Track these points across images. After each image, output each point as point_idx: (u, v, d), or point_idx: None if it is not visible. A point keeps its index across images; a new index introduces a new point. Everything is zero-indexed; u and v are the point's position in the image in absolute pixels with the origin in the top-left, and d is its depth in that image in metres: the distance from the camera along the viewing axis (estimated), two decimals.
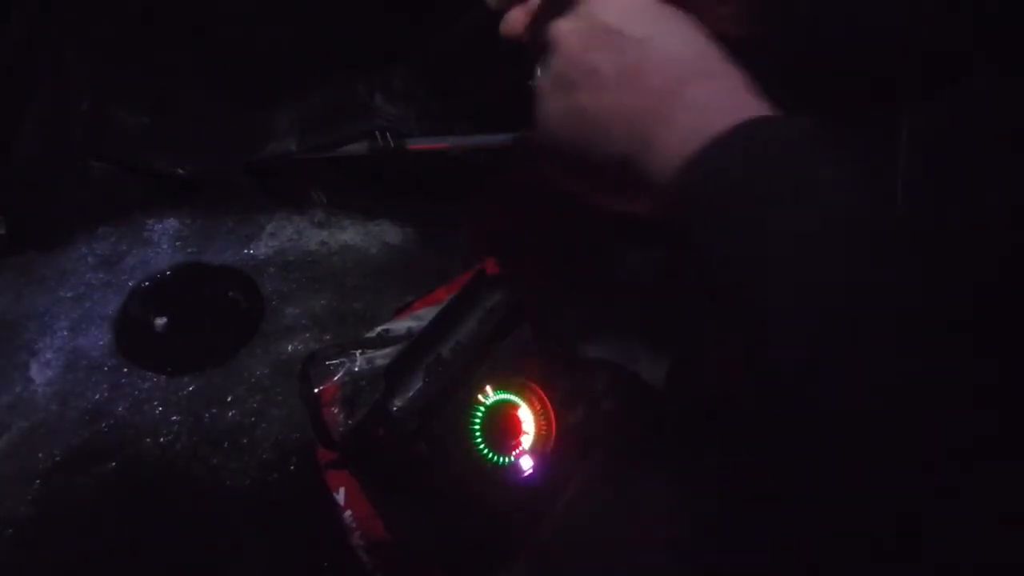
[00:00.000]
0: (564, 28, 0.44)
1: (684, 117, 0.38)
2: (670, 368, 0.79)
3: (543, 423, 0.67)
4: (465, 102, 1.15)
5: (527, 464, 0.65)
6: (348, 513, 0.72)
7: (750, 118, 0.37)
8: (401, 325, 0.83)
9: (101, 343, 1.14)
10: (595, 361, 0.81)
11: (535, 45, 0.48)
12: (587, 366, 0.78)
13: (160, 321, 1.18)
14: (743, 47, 0.44)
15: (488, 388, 0.66)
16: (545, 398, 0.67)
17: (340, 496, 0.72)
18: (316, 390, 0.75)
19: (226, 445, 1.03)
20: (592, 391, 0.72)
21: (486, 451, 0.66)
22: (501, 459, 0.66)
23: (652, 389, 0.77)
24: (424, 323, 0.75)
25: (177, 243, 1.27)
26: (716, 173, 0.36)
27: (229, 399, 1.07)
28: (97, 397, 1.08)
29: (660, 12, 0.43)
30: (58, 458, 1.02)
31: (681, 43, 0.42)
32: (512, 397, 0.67)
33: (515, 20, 0.51)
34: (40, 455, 1.02)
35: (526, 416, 0.66)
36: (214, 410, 1.06)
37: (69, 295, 1.20)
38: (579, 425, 0.67)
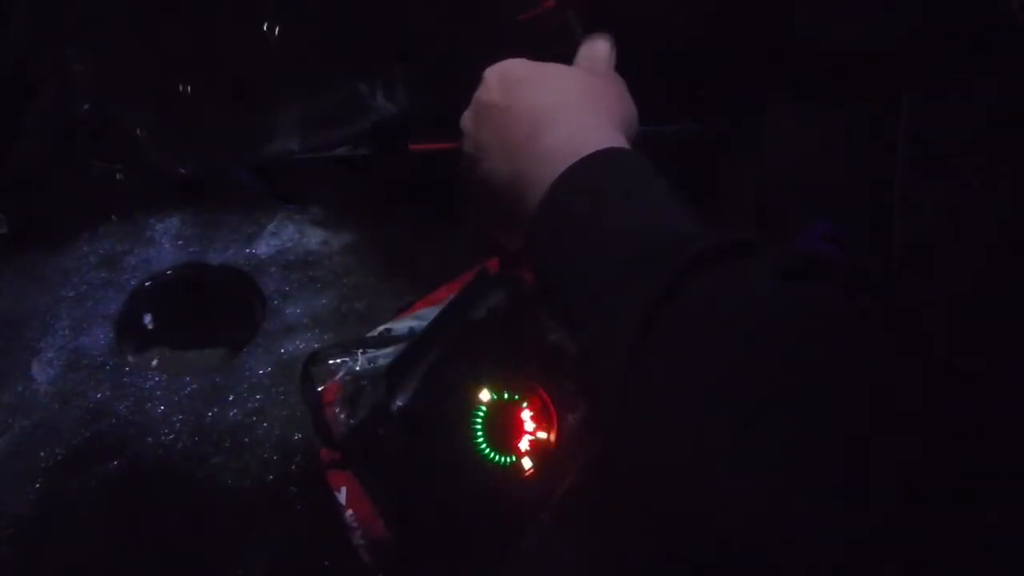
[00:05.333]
0: (465, 116, 0.53)
1: (537, 167, 0.45)
2: None
3: (544, 423, 0.67)
4: (467, 102, 1.14)
5: (528, 464, 0.66)
6: (349, 513, 0.72)
7: (579, 159, 0.43)
8: (403, 324, 0.83)
9: (103, 342, 1.14)
10: None
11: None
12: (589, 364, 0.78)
13: (161, 320, 1.18)
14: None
15: (489, 387, 0.67)
16: (547, 397, 0.67)
17: (341, 496, 0.73)
18: (318, 389, 0.75)
19: (227, 444, 1.03)
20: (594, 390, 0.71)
21: (487, 451, 0.66)
22: (502, 459, 0.66)
23: None
24: (426, 322, 0.75)
25: (179, 242, 1.27)
26: (547, 208, 0.44)
27: (230, 398, 1.08)
28: (99, 396, 1.08)
29: (525, 78, 0.50)
30: (59, 457, 1.02)
31: (534, 101, 0.49)
32: (513, 396, 0.67)
33: None
34: (41, 454, 1.02)
35: (527, 416, 0.66)
36: (215, 409, 1.06)
37: (71, 294, 1.20)
38: (580, 425, 0.67)
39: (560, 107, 0.48)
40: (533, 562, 0.63)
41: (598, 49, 0.55)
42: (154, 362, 1.14)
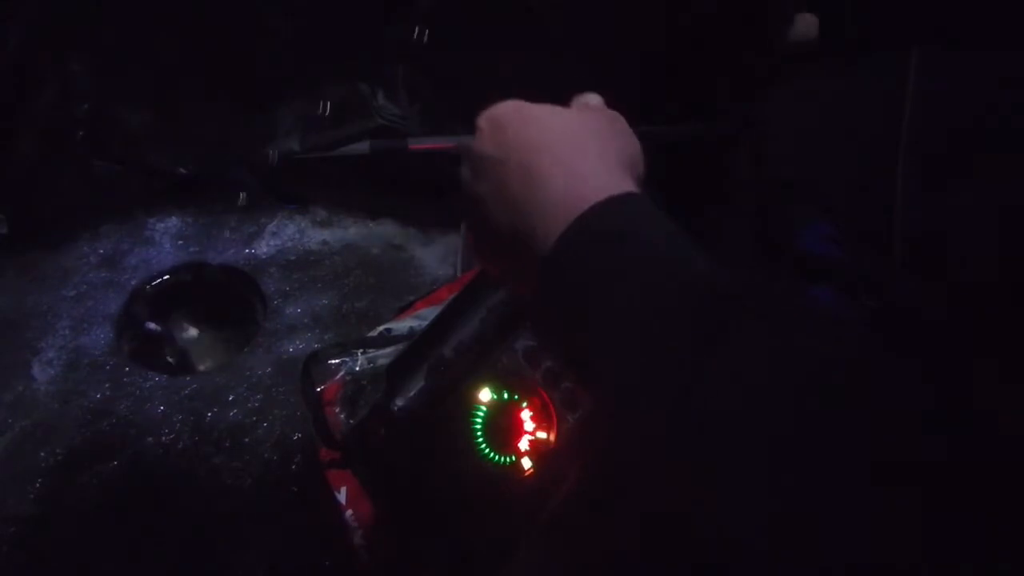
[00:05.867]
0: (463, 168, 0.51)
1: (538, 222, 0.44)
2: None
3: (544, 422, 0.67)
4: (467, 101, 1.14)
5: (528, 464, 0.65)
6: (349, 512, 0.72)
7: (581, 213, 0.42)
8: (403, 324, 0.83)
9: (103, 342, 1.14)
10: None
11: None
12: None
13: (151, 324, 1.18)
14: None
15: (489, 387, 0.66)
16: (547, 397, 0.67)
17: (342, 495, 0.73)
18: (318, 389, 0.75)
19: (227, 444, 1.03)
20: None
21: (487, 451, 0.65)
22: (502, 459, 0.66)
23: None
24: (426, 322, 0.75)
25: (179, 242, 1.27)
26: (554, 266, 0.43)
27: (231, 398, 1.07)
28: (99, 396, 1.08)
29: (517, 124, 0.49)
30: (60, 457, 1.02)
31: (527, 149, 0.47)
32: (513, 396, 0.66)
33: None
34: (42, 453, 1.02)
35: (527, 416, 0.66)
36: (215, 409, 1.06)
37: (71, 294, 1.20)
38: (580, 425, 0.66)
39: (555, 153, 0.46)
40: (533, 562, 0.62)
41: (588, 96, 0.55)
42: (154, 362, 1.14)
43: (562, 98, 0.54)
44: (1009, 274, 0.42)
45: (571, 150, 0.46)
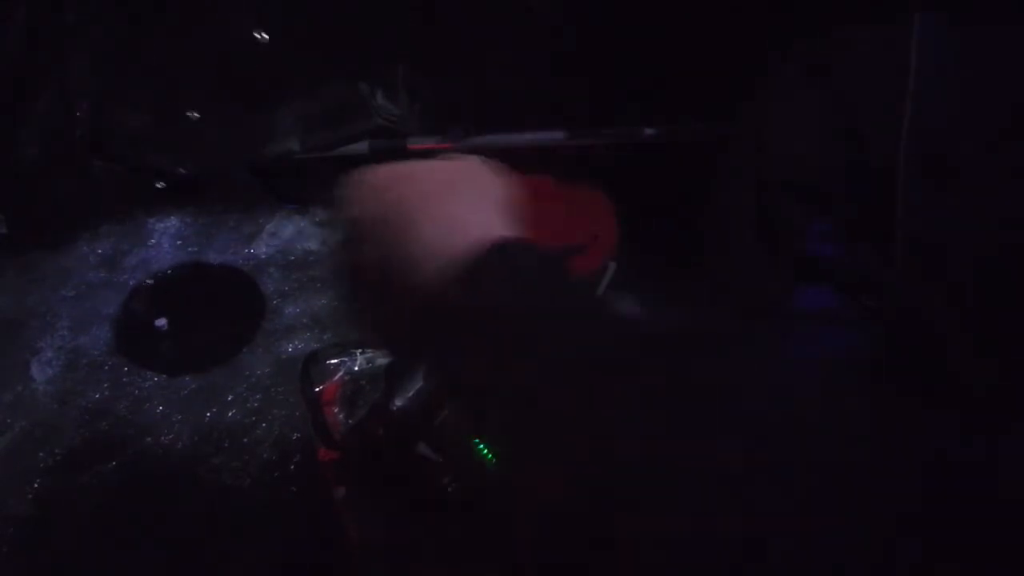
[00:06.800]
0: (336, 242, 0.51)
1: (418, 276, 0.43)
2: None
3: None
4: (466, 102, 1.15)
5: None
6: (349, 512, 0.72)
7: (446, 264, 0.41)
8: None
9: (102, 342, 1.14)
10: None
11: None
12: None
13: (161, 320, 1.18)
14: None
15: None
16: None
17: (341, 495, 0.72)
18: (317, 389, 0.75)
19: (227, 444, 1.03)
20: None
21: (486, 451, 0.65)
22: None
23: None
24: None
25: (178, 242, 1.27)
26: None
27: (230, 398, 1.07)
28: (98, 396, 1.08)
29: (381, 184, 0.49)
30: (59, 457, 1.02)
31: (403, 210, 0.46)
32: None
33: None
34: (41, 454, 1.02)
35: None
36: (215, 409, 1.06)
37: (70, 294, 1.20)
38: None
39: (428, 203, 0.46)
40: (533, 561, 0.62)
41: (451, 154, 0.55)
42: (153, 362, 1.14)
43: (561, 97, 0.54)
44: (1009, 274, 0.42)
45: (444, 199, 0.46)
